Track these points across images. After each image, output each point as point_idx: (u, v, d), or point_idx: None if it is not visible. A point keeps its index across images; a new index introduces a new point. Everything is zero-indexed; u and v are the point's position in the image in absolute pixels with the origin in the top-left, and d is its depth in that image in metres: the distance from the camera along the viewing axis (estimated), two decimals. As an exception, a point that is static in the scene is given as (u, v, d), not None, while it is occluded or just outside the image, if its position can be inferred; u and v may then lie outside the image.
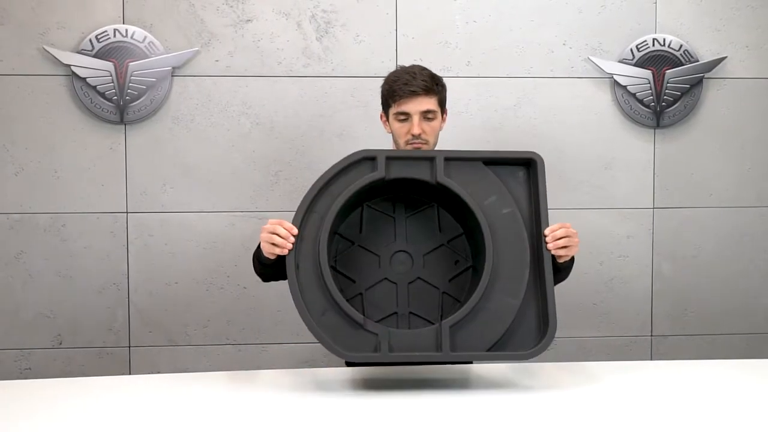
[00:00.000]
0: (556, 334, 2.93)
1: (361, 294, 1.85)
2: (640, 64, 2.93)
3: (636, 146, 2.98)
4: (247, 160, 2.86)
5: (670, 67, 2.94)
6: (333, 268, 1.83)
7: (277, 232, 1.78)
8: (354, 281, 1.86)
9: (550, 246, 1.84)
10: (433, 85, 2.10)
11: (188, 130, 2.84)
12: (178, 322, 2.87)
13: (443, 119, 2.16)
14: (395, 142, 2.15)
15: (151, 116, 2.81)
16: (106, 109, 2.78)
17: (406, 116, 2.10)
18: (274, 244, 1.78)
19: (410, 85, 2.07)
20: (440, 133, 2.17)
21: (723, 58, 2.96)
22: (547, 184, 1.89)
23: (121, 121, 2.80)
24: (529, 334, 1.83)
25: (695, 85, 2.95)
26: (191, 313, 2.88)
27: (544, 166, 1.87)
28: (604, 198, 2.99)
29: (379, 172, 1.80)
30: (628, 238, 3.00)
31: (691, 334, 3.03)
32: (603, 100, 2.96)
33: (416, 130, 2.08)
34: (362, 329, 1.75)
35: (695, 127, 2.99)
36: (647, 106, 2.94)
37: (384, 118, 2.19)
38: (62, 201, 2.81)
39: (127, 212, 2.83)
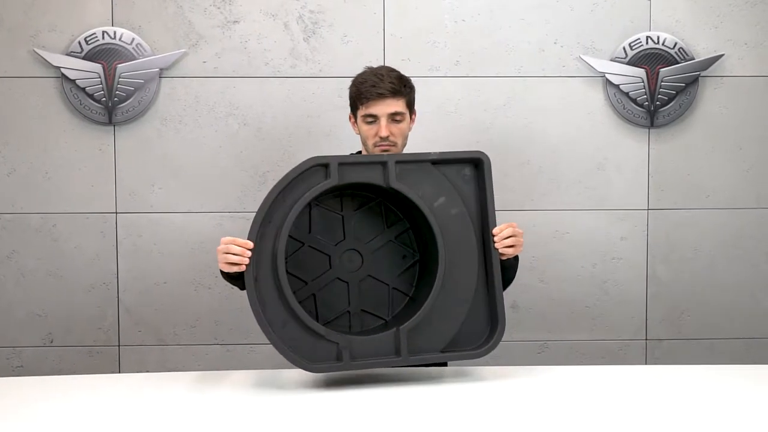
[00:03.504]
0: (550, 337, 2.95)
1: (313, 295, 1.85)
2: (634, 62, 2.86)
3: (630, 146, 2.92)
4: (235, 161, 2.87)
5: (664, 66, 2.87)
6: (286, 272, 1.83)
7: (230, 251, 1.78)
8: (306, 283, 1.86)
9: (497, 245, 1.87)
10: (400, 87, 2.08)
11: (176, 131, 2.86)
12: (167, 322, 2.89)
13: (412, 120, 2.15)
14: (363, 144, 2.14)
15: (139, 117, 2.84)
16: (95, 111, 2.81)
17: (373, 118, 2.08)
18: (230, 263, 1.78)
19: (378, 88, 2.05)
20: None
21: (720, 56, 2.88)
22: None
23: (110, 123, 2.82)
24: (480, 332, 1.87)
25: (691, 83, 2.88)
26: (180, 312, 2.89)
27: (490, 165, 1.89)
28: (597, 199, 2.93)
29: (333, 180, 1.80)
30: (622, 239, 2.94)
31: (687, 338, 2.97)
32: (595, 99, 2.90)
33: (384, 133, 2.07)
34: (324, 339, 1.76)
35: (691, 126, 2.92)
36: (641, 106, 2.88)
37: (352, 120, 2.18)
38: (53, 201, 2.85)
39: (116, 212, 2.86)
